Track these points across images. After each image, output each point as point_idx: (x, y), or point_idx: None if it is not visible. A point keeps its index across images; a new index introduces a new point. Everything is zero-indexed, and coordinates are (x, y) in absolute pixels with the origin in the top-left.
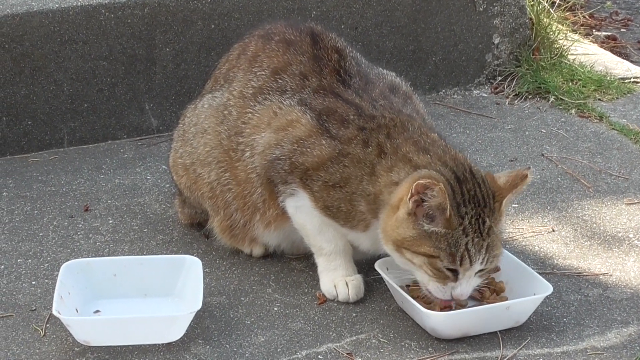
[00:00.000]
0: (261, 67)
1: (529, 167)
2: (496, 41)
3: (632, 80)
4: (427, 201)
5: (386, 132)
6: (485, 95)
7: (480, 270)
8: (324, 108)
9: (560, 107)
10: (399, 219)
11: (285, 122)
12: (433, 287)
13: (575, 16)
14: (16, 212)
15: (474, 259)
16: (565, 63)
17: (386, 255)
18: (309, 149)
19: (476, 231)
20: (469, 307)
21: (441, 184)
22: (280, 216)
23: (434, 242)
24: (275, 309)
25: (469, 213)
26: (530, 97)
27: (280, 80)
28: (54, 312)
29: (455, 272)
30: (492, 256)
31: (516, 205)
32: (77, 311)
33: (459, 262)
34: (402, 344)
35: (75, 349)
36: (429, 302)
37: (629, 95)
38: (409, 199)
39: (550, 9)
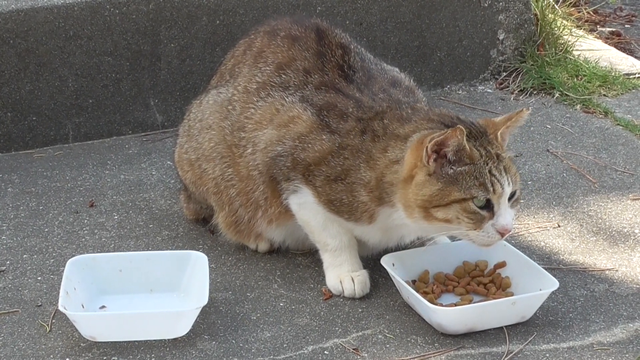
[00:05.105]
0: (266, 63)
1: (529, 108)
2: (501, 37)
3: (636, 76)
4: (447, 151)
5: (380, 117)
6: (490, 90)
7: (511, 197)
8: (324, 103)
9: (565, 102)
10: (419, 183)
11: (286, 119)
12: (476, 236)
13: (579, 12)
14: (21, 207)
15: (502, 182)
16: (570, 59)
17: (392, 250)
18: (310, 145)
19: (491, 157)
20: (475, 302)
21: (458, 128)
22: (282, 214)
23: (462, 184)
24: (281, 304)
25: (476, 145)
26: (535, 92)
27: (283, 76)
28: (60, 308)
29: (489, 208)
30: (513, 177)
31: (522, 201)
32: (83, 307)
33: (491, 189)
34: (408, 339)
35: (81, 344)
36: (428, 292)
37: (633, 90)
38: (427, 161)
39: (555, 5)
